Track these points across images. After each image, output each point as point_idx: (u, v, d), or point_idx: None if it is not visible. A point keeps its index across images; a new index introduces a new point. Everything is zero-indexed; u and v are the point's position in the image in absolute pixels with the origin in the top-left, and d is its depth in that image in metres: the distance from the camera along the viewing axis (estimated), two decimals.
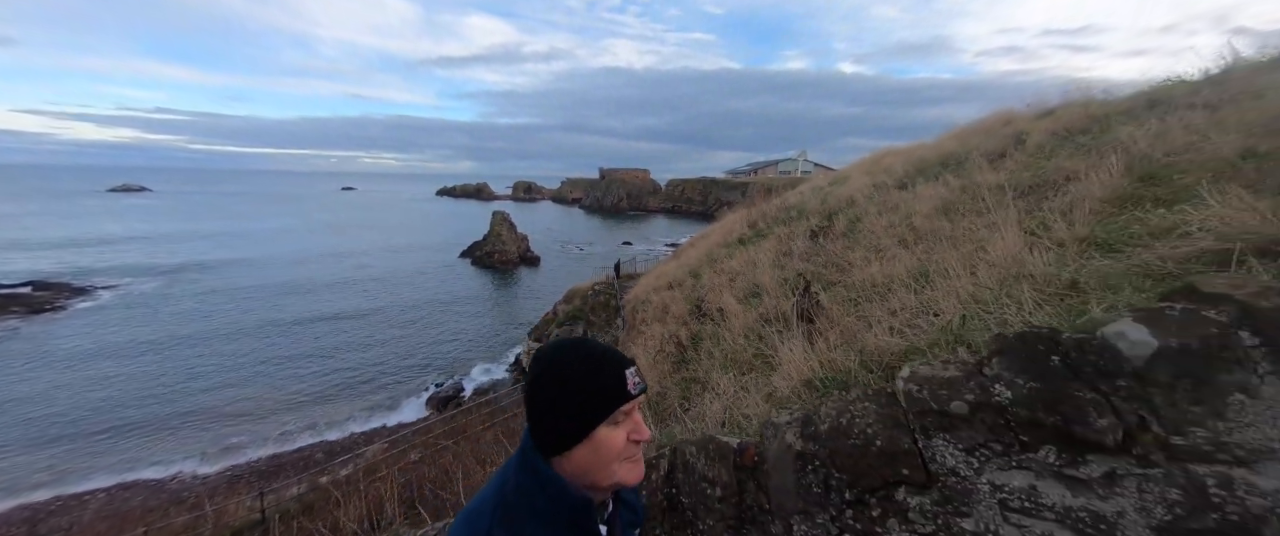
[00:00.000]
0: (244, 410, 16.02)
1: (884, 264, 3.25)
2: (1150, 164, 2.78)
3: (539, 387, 0.82)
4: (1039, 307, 1.61)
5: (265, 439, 14.28)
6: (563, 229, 69.06)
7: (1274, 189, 2.10)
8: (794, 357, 2.19)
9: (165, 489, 11.23)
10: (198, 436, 14.28)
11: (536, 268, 42.60)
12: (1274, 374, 0.83)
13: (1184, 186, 2.45)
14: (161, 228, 57.05)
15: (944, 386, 1.08)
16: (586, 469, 0.81)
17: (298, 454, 13.12)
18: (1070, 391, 0.91)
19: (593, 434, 0.80)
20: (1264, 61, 3.72)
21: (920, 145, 8.46)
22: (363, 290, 31.82)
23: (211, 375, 18.61)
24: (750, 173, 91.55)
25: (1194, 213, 1.79)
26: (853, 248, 4.25)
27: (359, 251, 46.07)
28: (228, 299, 28.35)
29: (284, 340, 22.46)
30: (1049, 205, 3.03)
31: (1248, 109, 2.86)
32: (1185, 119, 3.15)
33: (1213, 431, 0.84)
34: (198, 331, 23.01)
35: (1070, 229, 2.33)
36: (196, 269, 35.65)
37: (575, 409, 0.79)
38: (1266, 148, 2.31)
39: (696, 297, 5.52)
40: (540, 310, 25.14)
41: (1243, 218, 1.59)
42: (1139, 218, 2.17)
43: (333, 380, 18.98)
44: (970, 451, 1.04)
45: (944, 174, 4.86)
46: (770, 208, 8.35)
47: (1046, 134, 4.78)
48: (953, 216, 3.73)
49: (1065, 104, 5.78)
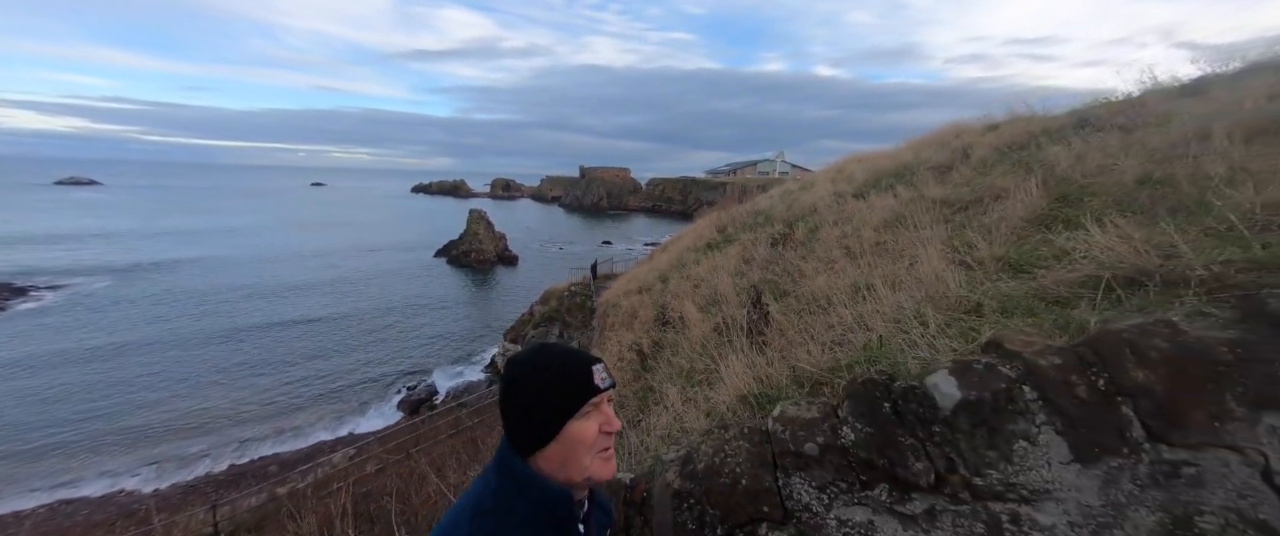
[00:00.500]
0: (201, 420, 15.33)
1: (831, 276, 3.40)
2: (1067, 185, 2.99)
3: (512, 391, 0.86)
4: (942, 331, 1.74)
5: (224, 449, 13.71)
6: (542, 227, 68.35)
7: (1164, 214, 2.31)
8: (732, 372, 2.28)
9: (113, 503, 10.65)
10: (150, 448, 13.59)
11: (514, 267, 42.07)
12: (1048, 424, 0.96)
13: (1092, 209, 2.65)
14: (112, 224, 53.81)
15: (803, 427, 1.18)
16: (561, 465, 0.83)
17: (258, 463, 12.66)
18: (896, 436, 1.01)
19: (564, 429, 0.82)
20: (1175, 88, 4.03)
21: (881, 154, 8.76)
22: (332, 291, 30.79)
23: (166, 383, 17.72)
24: (729, 173, 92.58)
25: (1085, 239, 1.95)
26: (807, 258, 4.41)
27: (328, 251, 44.51)
28: (184, 301, 27.01)
29: (246, 345, 21.54)
30: (980, 221, 3.22)
31: (1152, 134, 3.11)
32: (1103, 141, 3.39)
33: (1004, 473, 0.95)
34: (150, 336, 21.87)
35: (990, 248, 2.49)
36: (150, 269, 33.82)
37: (546, 406, 0.83)
38: (1161, 174, 2.52)
39: (662, 304, 5.61)
40: (517, 311, 24.88)
41: (1118, 247, 1.75)
42: (1047, 240, 2.35)
43: (298, 387, 18.34)
44: (822, 489, 1.15)
45: (896, 185, 5.07)
46: (740, 212, 8.52)
47: (989, 148, 5.05)
48: (898, 229, 3.91)
49: (1010, 119, 6.10)
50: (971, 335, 1.67)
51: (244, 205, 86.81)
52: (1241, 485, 0.86)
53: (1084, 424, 0.91)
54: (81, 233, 46.83)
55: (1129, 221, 2.00)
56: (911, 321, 1.96)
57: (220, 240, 47.01)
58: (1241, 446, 0.87)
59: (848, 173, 8.25)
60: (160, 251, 39.58)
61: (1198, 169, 2.31)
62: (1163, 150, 2.79)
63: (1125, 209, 2.41)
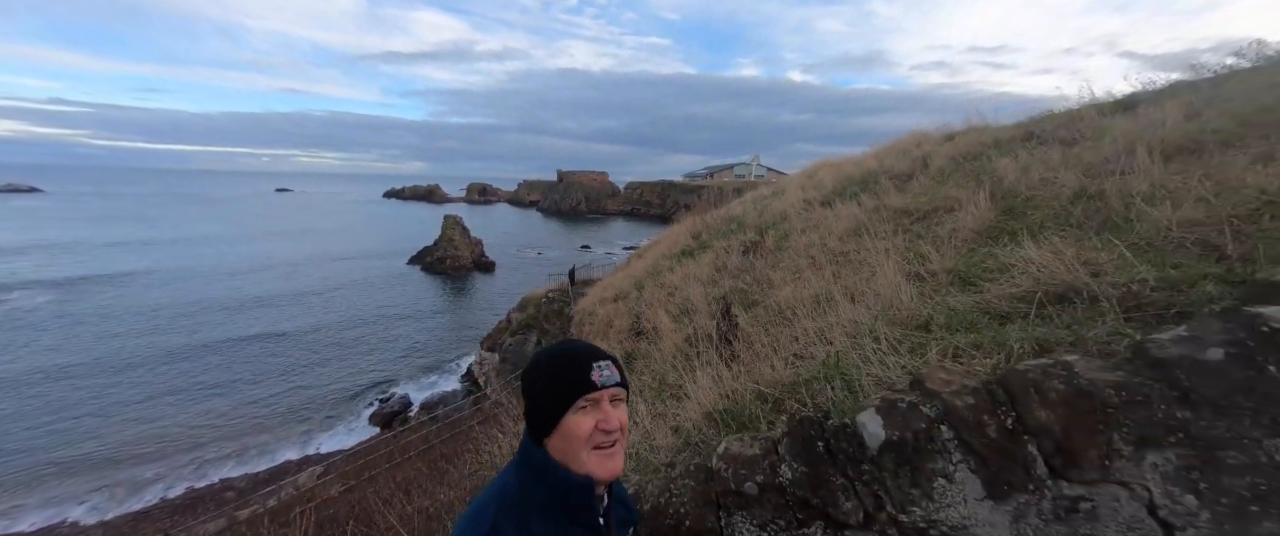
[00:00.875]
0: (155, 443, 14.45)
1: (797, 287, 3.48)
2: (1013, 198, 3.17)
3: (524, 381, 0.91)
4: (893, 347, 1.81)
5: (180, 472, 12.96)
6: (519, 232, 67.53)
7: (1096, 230, 2.47)
8: (700, 388, 2.32)
9: (54, 535, 9.91)
10: (98, 475, 12.72)
11: (491, 273, 41.40)
12: (964, 463, 1.02)
13: (1033, 223, 2.81)
14: (54, 235, 50.28)
15: (745, 465, 1.22)
16: (562, 458, 0.85)
17: (218, 486, 12.01)
18: (829, 475, 1.06)
19: (561, 422, 0.84)
20: (1110, 103, 4.32)
21: (849, 160, 9.04)
22: (298, 303, 29.56)
23: (115, 406, 16.64)
24: (707, 176, 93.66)
25: (1022, 255, 2.07)
26: (776, 267, 4.50)
27: (294, 260, 42.75)
28: (135, 317, 25.44)
29: (204, 363, 20.42)
30: (935, 231, 3.36)
31: (1088, 149, 3.32)
32: (1045, 155, 3.60)
33: (926, 510, 1.02)
34: (98, 355, 20.51)
35: (941, 261, 2.61)
36: (97, 282, 31.76)
37: (546, 398, 0.86)
38: (1094, 189, 2.70)
39: (637, 313, 5.63)
40: (494, 318, 24.45)
41: (1051, 264, 1.87)
42: (992, 253, 2.47)
43: (261, 405, 17.51)
44: (762, 527, 1.19)
45: (860, 194, 5.25)
46: (714, 219, 8.63)
47: (946, 158, 5.28)
48: (861, 238, 4.05)
49: (966, 129, 6.40)
50: (920, 350, 1.75)
51: (202, 213, 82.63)
52: (1130, 518, 0.94)
53: (995, 462, 0.98)
54: (21, 244, 43.57)
55: (1063, 238, 2.14)
56: (866, 336, 2.04)
57: (175, 250, 44.54)
58: (1129, 482, 0.96)
59: (818, 179, 8.48)
60: (108, 263, 37.21)
61: (1124, 186, 2.48)
62: (1097, 165, 2.99)
63: (1063, 223, 2.57)
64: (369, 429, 16.52)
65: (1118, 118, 3.68)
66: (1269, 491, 0.97)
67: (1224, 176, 2.08)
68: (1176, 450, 1.03)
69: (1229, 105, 2.86)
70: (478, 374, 19.46)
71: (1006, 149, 4.58)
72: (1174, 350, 1.10)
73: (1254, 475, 0.96)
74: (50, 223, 61.39)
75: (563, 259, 40.56)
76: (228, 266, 38.39)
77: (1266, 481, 0.98)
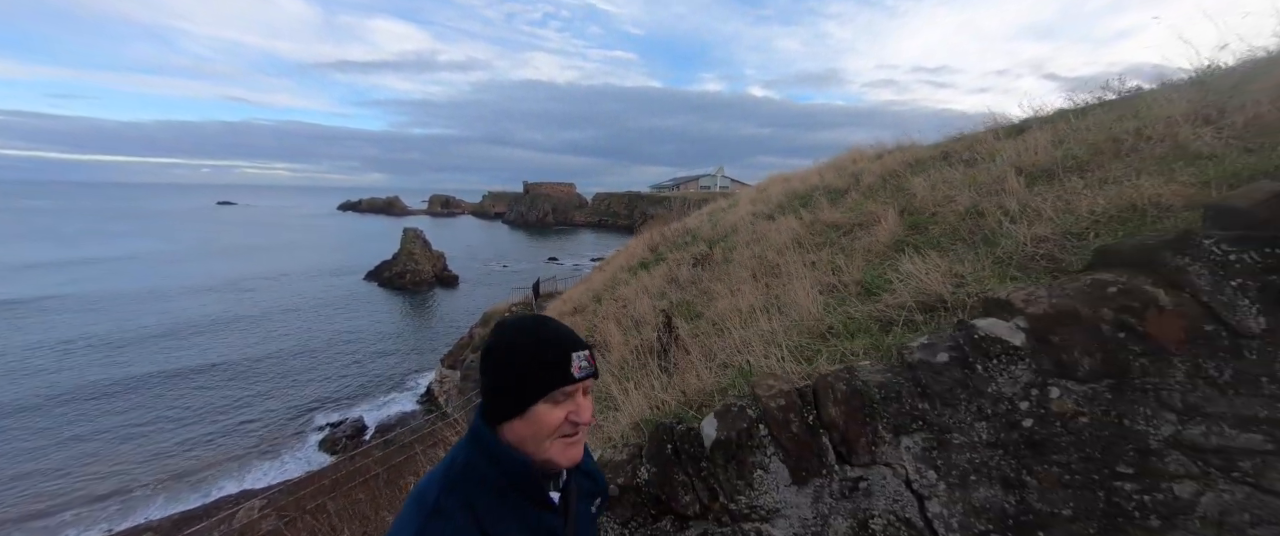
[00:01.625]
0: (75, 485, 13.07)
1: (734, 298, 3.69)
2: (919, 215, 3.52)
3: (489, 357, 0.84)
4: (793, 354, 2.01)
5: (101, 514, 11.77)
6: (484, 245, 66.06)
7: (976, 244, 2.80)
8: (630, 399, 2.44)
9: None
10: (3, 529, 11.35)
11: (454, 288, 40.24)
12: (776, 455, 1.22)
13: (933, 236, 3.14)
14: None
15: (613, 469, 1.37)
16: (521, 442, 0.83)
17: (145, 526, 10.98)
18: (673, 473, 1.23)
19: (531, 410, 0.81)
20: (1008, 127, 4.87)
21: (797, 175, 9.56)
22: (240, 327, 27.61)
23: (24, 448, 14.93)
24: (674, 187, 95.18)
25: (908, 268, 2.34)
26: (720, 279, 4.73)
27: (234, 279, 39.97)
28: (49, 350, 23.00)
29: (131, 397, 18.62)
30: (855, 244, 3.67)
31: (981, 170, 3.74)
32: (950, 175, 4.01)
33: (749, 498, 1.21)
34: (4, 394, 18.38)
35: (850, 272, 2.87)
36: (2, 310, 28.54)
37: (516, 383, 0.81)
38: (980, 207, 3.06)
39: (592, 325, 5.72)
40: (457, 334, 23.75)
41: (928, 276, 2.13)
42: (893, 265, 2.76)
43: (200, 439, 16.18)
44: (624, 524, 1.35)
45: (800, 208, 5.60)
46: (671, 232, 8.88)
47: (876, 175, 5.73)
48: (797, 251, 4.33)
49: (895, 148, 6.95)
50: (813, 357, 1.94)
51: (129, 228, 76.03)
52: (894, 493, 1.15)
53: (797, 453, 1.17)
54: None
55: (944, 253, 2.43)
56: (778, 345, 2.23)
57: (95, 271, 40.69)
58: (891, 463, 1.20)
59: (768, 193, 8.89)
60: (16, 288, 33.50)
61: (1001, 204, 2.84)
62: (986, 185, 3.38)
63: (954, 237, 2.89)
64: (319, 457, 15.58)
65: (1009, 141, 4.16)
66: (981, 463, 1.25)
67: (1070, 198, 2.44)
68: (921, 435, 1.31)
69: (1087, 134, 3.32)
70: (438, 392, 18.80)
71: (924, 167, 5.04)
72: (918, 355, 1.37)
73: (971, 452, 1.26)
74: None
75: (529, 272, 39.96)
76: (156, 288, 35.41)
77: (979, 456, 1.27)
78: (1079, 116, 3.84)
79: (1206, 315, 1.30)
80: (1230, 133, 2.31)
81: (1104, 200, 2.20)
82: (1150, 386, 1.28)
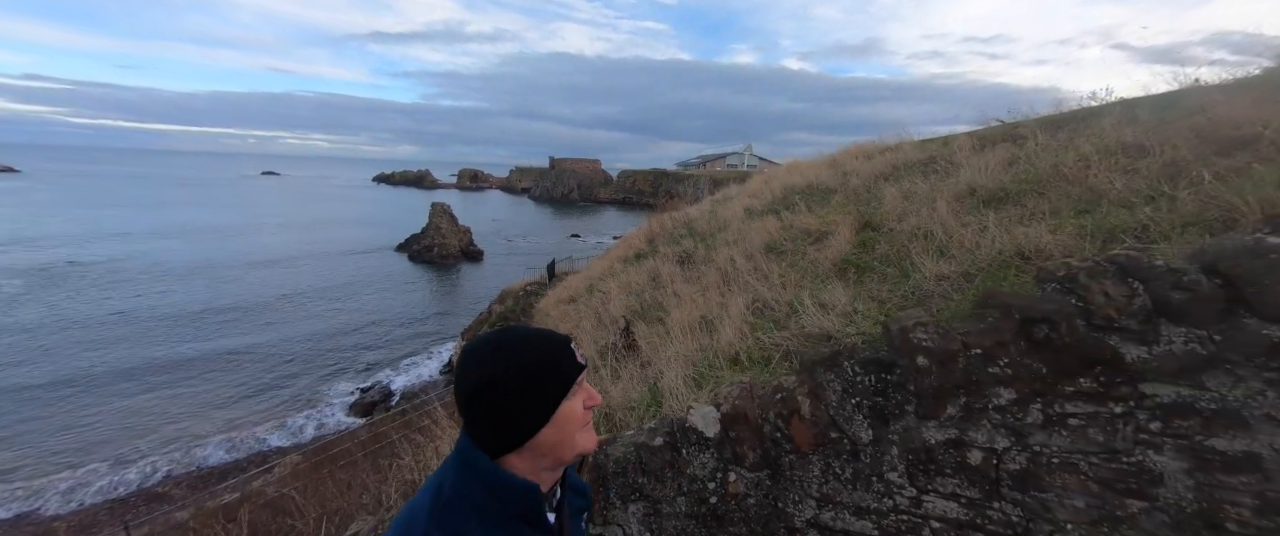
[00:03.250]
0: (133, 427, 14.79)
1: (691, 308, 3.86)
2: (878, 230, 3.55)
3: (498, 388, 0.80)
4: (693, 382, 2.20)
5: (162, 457, 13.33)
6: (510, 220, 67.36)
7: (900, 274, 2.85)
8: None
9: (27, 523, 10.19)
10: (68, 460, 13.01)
11: (479, 263, 41.46)
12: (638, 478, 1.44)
13: (878, 255, 3.20)
14: (31, 219, 49.45)
15: None
16: (552, 447, 0.82)
17: (186, 477, 12.33)
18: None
19: (556, 413, 0.81)
20: (1002, 127, 4.69)
21: (811, 164, 9.38)
22: (284, 286, 29.73)
23: (90, 385, 16.94)
24: (700, 165, 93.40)
25: (813, 300, 2.46)
26: (694, 280, 4.88)
27: (280, 246, 42.60)
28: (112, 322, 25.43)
29: (186, 339, 20.78)
30: (806, 258, 3.75)
31: (947, 184, 3.70)
32: (917, 187, 3.98)
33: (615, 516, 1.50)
34: (78, 339, 20.67)
35: (788, 291, 3.00)
36: (75, 268, 31.60)
37: (539, 396, 0.80)
38: (926, 229, 3.08)
39: (575, 321, 6.00)
40: (477, 308, 24.75)
41: (819, 317, 2.26)
42: (822, 288, 2.86)
43: (241, 388, 17.90)
44: None
45: (782, 211, 5.62)
46: (670, 222, 8.97)
47: (864, 178, 5.65)
48: (766, 256, 4.43)
49: (896, 144, 6.76)
50: (717, 383, 2.14)
51: (184, 196, 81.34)
52: None
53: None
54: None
55: (865, 279, 2.53)
56: (692, 366, 2.43)
57: (162, 234, 44.18)
58: (621, 524, 1.51)
59: (773, 185, 8.81)
60: (85, 250, 36.88)
61: (941, 230, 2.87)
62: (954, 193, 3.37)
63: (888, 262, 2.96)
64: (347, 419, 16.94)
65: (984, 153, 4.05)
66: (682, 529, 1.66)
67: (992, 231, 2.46)
68: (641, 503, 1.70)
69: (1046, 156, 3.23)
70: (456, 363, 19.89)
71: (904, 175, 4.96)
72: (642, 437, 1.77)
73: (675, 520, 1.65)
74: (28, 207, 60.20)
75: (552, 248, 40.71)
76: (211, 259, 38.19)
77: (681, 524, 1.67)
78: (1052, 131, 3.70)
79: (833, 425, 1.61)
80: (1145, 175, 2.26)
81: (1002, 242, 2.23)
82: (796, 477, 1.64)
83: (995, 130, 4.65)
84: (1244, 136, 2.06)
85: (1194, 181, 1.96)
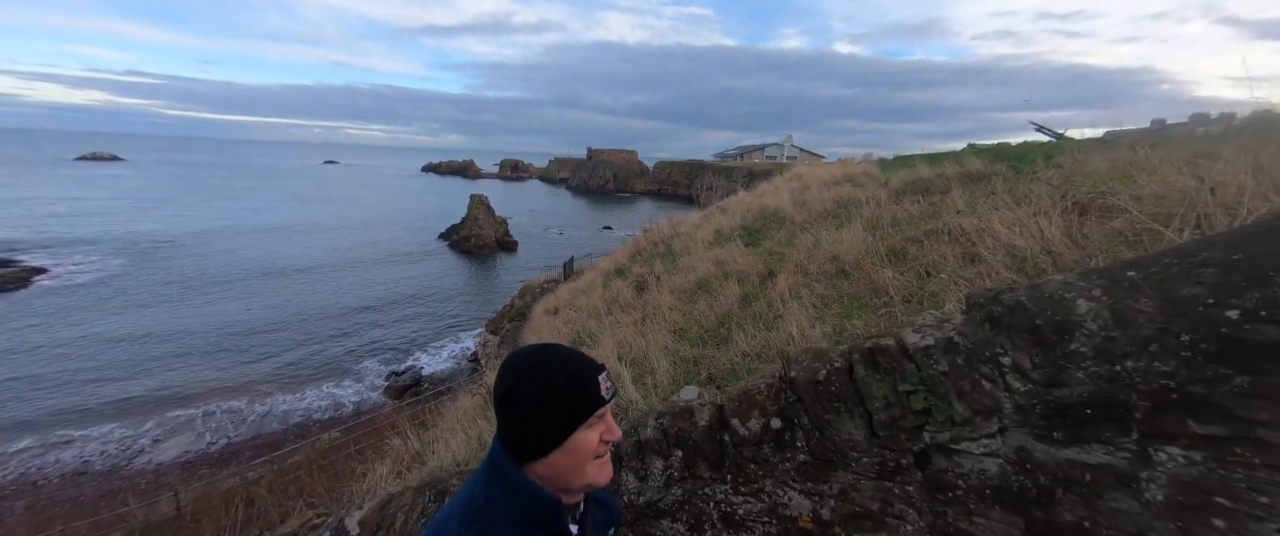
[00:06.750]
0: (187, 391, 17.15)
1: (609, 344, 4.29)
2: (805, 270, 3.73)
3: (517, 398, 0.85)
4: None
5: (204, 421, 15.39)
6: (546, 210, 69.31)
7: (764, 329, 3.15)
8: (457, 439, 3.25)
9: (118, 474, 12.08)
10: (131, 415, 15.11)
11: (514, 253, 43.20)
12: None
13: (753, 311, 3.48)
14: (129, 203, 56.28)
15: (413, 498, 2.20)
16: (562, 472, 0.85)
17: (242, 444, 14.12)
18: None
19: (569, 439, 0.84)
20: (1011, 147, 4.56)
21: (821, 171, 9.32)
22: (333, 273, 32.70)
23: (167, 356, 19.51)
24: (737, 156, 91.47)
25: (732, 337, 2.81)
26: (640, 309, 5.29)
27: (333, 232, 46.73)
28: (196, 284, 29.01)
29: (235, 326, 23.18)
30: (717, 302, 4.06)
31: (838, 235, 3.87)
32: (822, 237, 4.16)
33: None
34: (165, 317, 23.82)
35: (687, 338, 3.38)
36: (165, 247, 36.21)
37: (553, 417, 0.83)
38: (790, 296, 3.34)
39: (540, 337, 6.56)
40: (507, 299, 26.15)
41: (730, 351, 2.62)
42: (711, 341, 3.22)
43: (296, 365, 20.15)
44: None
45: (726, 242, 5.87)
46: (652, 238, 9.28)
47: (829, 202, 5.73)
48: (693, 296, 4.76)
49: (866, 165, 6.74)
50: None
51: (257, 185, 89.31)
52: None
53: None
54: (99, 211, 49.40)
55: (737, 336, 2.84)
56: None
57: (239, 222, 49.39)
58: None
59: (746, 203, 8.90)
60: (174, 229, 41.92)
61: (821, 288, 3.13)
62: (911, 222, 3.50)
63: (760, 321, 3.25)
64: (382, 397, 18.69)
65: (900, 203, 4.13)
66: None
67: (797, 310, 2.71)
68: None
69: (913, 226, 3.33)
70: (480, 354, 21.24)
71: (849, 214, 5.06)
72: None
73: None
74: (126, 192, 68.10)
75: (585, 240, 41.80)
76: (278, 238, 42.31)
77: None
78: (1094, 149, 3.58)
79: None
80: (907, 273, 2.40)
81: (797, 323, 2.50)
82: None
83: (986, 156, 4.58)
84: None
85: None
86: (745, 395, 1.78)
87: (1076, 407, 1.23)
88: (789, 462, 1.67)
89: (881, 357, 1.54)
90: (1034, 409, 1.30)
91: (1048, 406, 1.28)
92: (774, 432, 1.70)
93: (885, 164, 7.17)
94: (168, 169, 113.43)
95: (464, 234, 44.56)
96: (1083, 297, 1.27)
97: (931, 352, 1.46)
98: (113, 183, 77.79)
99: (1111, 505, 1.19)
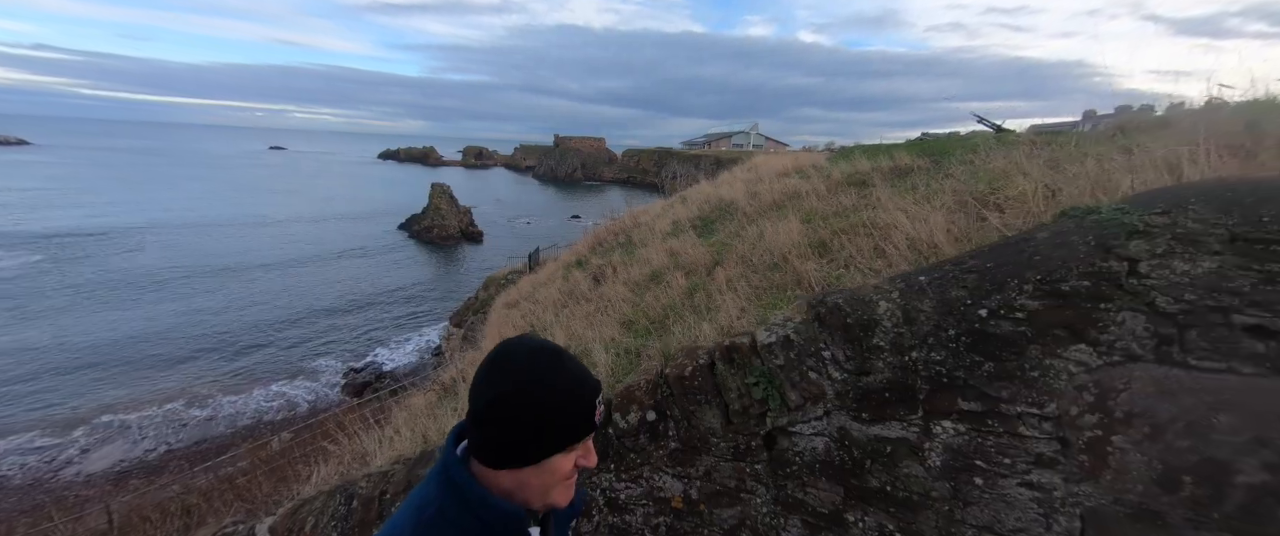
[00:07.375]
0: (138, 395, 16.03)
1: (567, 334, 4.35)
2: (749, 262, 3.89)
3: (506, 406, 0.76)
4: None
5: (147, 430, 14.44)
6: (512, 199, 67.78)
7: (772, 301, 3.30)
8: (404, 434, 3.26)
9: (41, 488, 11.13)
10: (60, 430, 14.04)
11: (479, 244, 42.19)
12: None
13: (694, 303, 3.63)
14: (38, 195, 51.00)
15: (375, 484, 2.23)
16: (528, 490, 0.80)
17: (181, 450, 13.32)
18: None
19: (547, 460, 0.78)
20: (933, 142, 4.86)
21: (778, 160, 9.56)
22: (285, 268, 30.88)
23: (95, 362, 18.11)
24: (705, 144, 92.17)
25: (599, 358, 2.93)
26: (593, 301, 5.36)
27: (283, 221, 43.89)
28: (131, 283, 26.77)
29: (171, 331, 21.61)
30: (664, 293, 4.19)
31: (813, 225, 4.03)
32: (820, 208, 4.31)
33: None
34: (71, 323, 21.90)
35: (634, 329, 3.47)
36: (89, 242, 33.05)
37: (545, 434, 0.77)
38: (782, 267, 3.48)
39: (501, 333, 6.53)
40: (471, 292, 25.58)
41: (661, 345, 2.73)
42: (651, 335, 3.32)
43: (244, 365, 19.08)
44: None
45: (681, 233, 6.01)
46: (614, 228, 9.34)
47: (778, 194, 5.94)
48: (645, 288, 4.87)
49: (824, 157, 7.00)
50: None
51: (194, 173, 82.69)
52: None
53: None
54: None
55: (697, 318, 2.95)
56: None
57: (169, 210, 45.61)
58: None
59: (704, 192, 9.08)
60: (89, 220, 38.30)
61: (744, 282, 3.30)
62: (836, 220, 3.69)
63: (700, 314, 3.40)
64: (340, 396, 18.03)
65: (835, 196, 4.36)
66: None
67: (690, 311, 2.85)
68: None
69: (839, 218, 3.57)
70: (445, 347, 20.78)
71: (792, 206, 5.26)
72: None
73: None
74: (42, 180, 61.71)
75: (552, 230, 41.22)
76: (218, 228, 39.42)
77: None
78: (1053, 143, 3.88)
79: None
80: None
81: (689, 331, 2.64)
82: None
83: (915, 151, 4.88)
84: None
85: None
86: (628, 391, 2.00)
87: (878, 392, 1.54)
88: (662, 450, 1.91)
89: (737, 354, 1.79)
90: (849, 395, 1.60)
91: (858, 392, 1.58)
92: (649, 424, 1.93)
93: (832, 156, 7.48)
94: (89, 155, 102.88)
95: (426, 224, 43.02)
96: (883, 299, 1.56)
97: (773, 348, 1.71)
98: (22, 170, 70.01)
99: (905, 471, 1.50)
